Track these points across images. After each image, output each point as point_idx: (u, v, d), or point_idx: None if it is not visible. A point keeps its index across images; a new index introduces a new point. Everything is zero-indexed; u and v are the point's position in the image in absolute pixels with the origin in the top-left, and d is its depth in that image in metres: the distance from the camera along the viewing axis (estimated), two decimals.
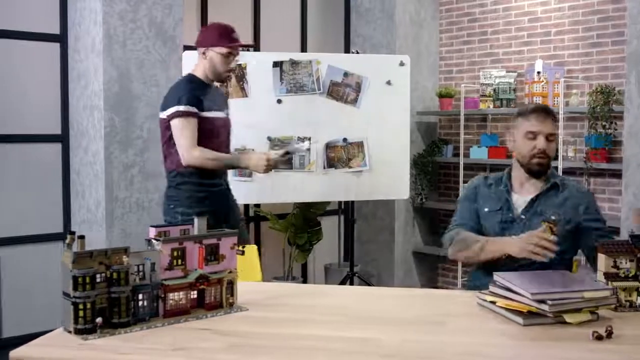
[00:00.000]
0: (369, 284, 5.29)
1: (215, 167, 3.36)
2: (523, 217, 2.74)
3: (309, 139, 4.57)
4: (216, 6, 5.19)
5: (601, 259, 2.26)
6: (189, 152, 3.26)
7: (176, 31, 4.49)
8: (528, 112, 2.77)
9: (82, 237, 1.91)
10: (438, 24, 6.09)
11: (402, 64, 4.83)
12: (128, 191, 4.31)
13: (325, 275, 5.77)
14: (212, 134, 3.38)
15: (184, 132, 3.25)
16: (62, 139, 4.56)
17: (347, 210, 5.78)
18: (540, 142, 2.70)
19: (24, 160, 4.42)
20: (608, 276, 2.22)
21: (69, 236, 1.91)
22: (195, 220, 2.16)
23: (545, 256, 2.40)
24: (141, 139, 4.36)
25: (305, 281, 5.79)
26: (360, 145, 4.74)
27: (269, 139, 4.52)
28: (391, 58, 5.02)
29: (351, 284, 5.14)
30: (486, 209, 2.84)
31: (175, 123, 3.27)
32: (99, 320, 1.86)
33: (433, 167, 5.91)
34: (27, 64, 4.41)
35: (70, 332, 1.87)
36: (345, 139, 4.71)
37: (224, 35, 3.38)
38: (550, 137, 2.72)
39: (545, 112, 2.75)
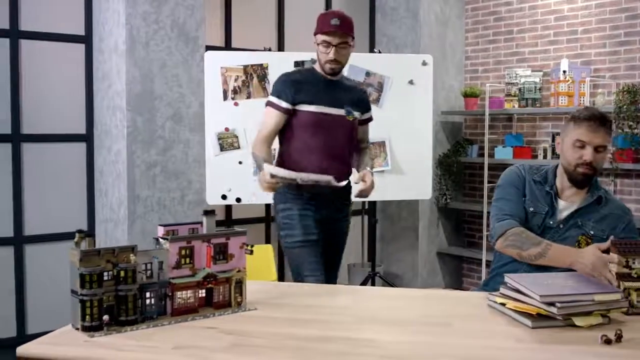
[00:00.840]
0: (390, 284, 5.27)
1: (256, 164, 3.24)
2: (562, 226, 2.62)
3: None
4: (240, 6, 5.21)
5: (618, 259, 2.21)
6: (254, 141, 3.25)
7: (198, 32, 4.52)
8: (581, 119, 2.56)
9: (90, 236, 1.93)
10: (464, 23, 6.04)
11: (424, 63, 4.79)
12: (150, 190, 4.36)
13: (348, 275, 5.76)
14: (308, 129, 3.19)
15: (263, 122, 3.23)
16: (87, 138, 4.63)
17: (370, 210, 5.76)
18: (588, 153, 2.53)
19: (49, 160, 4.50)
20: (620, 276, 2.18)
21: (77, 235, 1.94)
22: (204, 219, 2.17)
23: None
24: (163, 139, 4.40)
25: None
26: (382, 145, 4.72)
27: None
28: (414, 57, 4.98)
29: (373, 284, 5.13)
30: (531, 209, 2.66)
31: (264, 111, 3.25)
32: (105, 317, 1.89)
33: (458, 167, 5.87)
34: (53, 64, 4.49)
35: (77, 329, 1.90)
36: None
37: (320, 22, 3.16)
38: (600, 149, 2.54)
39: (600, 121, 2.54)
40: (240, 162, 4.43)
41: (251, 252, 2.28)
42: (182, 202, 4.47)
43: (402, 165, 4.75)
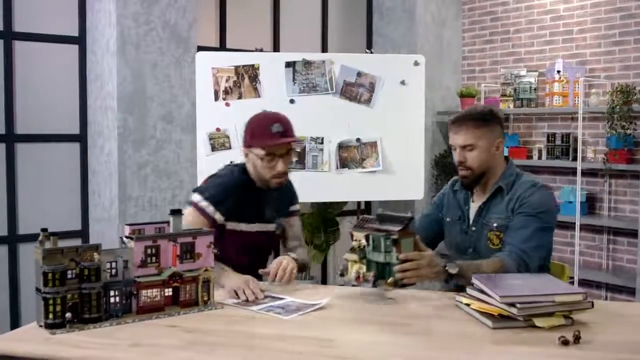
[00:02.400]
0: None
1: None
2: (474, 228, 2.63)
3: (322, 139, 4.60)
4: (235, 6, 5.23)
5: (354, 233, 2.33)
6: None
7: (190, 32, 4.55)
8: (449, 122, 2.62)
9: (54, 235, 1.96)
10: (460, 23, 6.03)
11: (416, 63, 4.78)
12: (141, 190, 4.39)
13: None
14: (231, 247, 2.67)
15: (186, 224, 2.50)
16: (81, 138, 4.67)
17: (366, 210, 5.77)
18: (456, 154, 2.59)
19: (43, 160, 4.54)
20: (350, 249, 2.31)
21: (41, 233, 1.97)
22: (171, 218, 2.19)
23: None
24: (155, 139, 4.43)
25: (324, 281, 5.80)
26: (373, 145, 4.72)
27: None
28: (406, 58, 4.97)
29: None
30: (448, 219, 2.73)
31: (187, 210, 2.64)
32: (68, 315, 1.91)
33: (454, 167, 5.84)
34: (47, 65, 4.53)
35: (41, 326, 1.92)
36: (358, 139, 4.69)
37: (257, 132, 2.60)
38: (468, 147, 2.54)
39: (459, 121, 2.58)
40: (231, 162, 4.44)
41: (217, 252, 2.30)
42: (173, 202, 4.49)
43: (394, 166, 4.74)
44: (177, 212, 2.22)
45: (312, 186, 4.63)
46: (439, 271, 2.27)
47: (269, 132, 2.55)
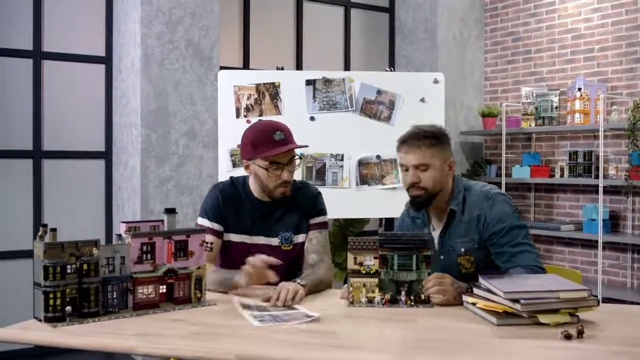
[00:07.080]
0: None
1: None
2: (442, 257, 2.55)
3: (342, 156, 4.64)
4: (258, 28, 5.34)
5: (350, 257, 2.27)
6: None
7: (213, 52, 4.65)
8: (399, 143, 2.55)
9: (54, 230, 1.99)
10: (483, 44, 6.06)
11: (436, 81, 4.82)
12: (163, 204, 4.45)
13: None
14: (232, 257, 2.64)
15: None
16: (106, 155, 4.78)
17: (388, 228, 5.77)
18: (410, 175, 2.49)
19: (69, 176, 4.66)
20: (351, 273, 2.25)
21: (41, 228, 2.00)
22: (165, 216, 2.24)
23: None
24: (177, 155, 4.51)
25: None
26: (393, 162, 4.74)
27: (301, 155, 4.59)
28: (425, 75, 5.01)
29: None
30: None
31: None
32: (68, 308, 1.93)
33: None
34: (74, 84, 4.67)
35: (40, 320, 1.94)
36: (378, 156, 4.73)
37: (260, 141, 2.49)
38: (422, 167, 2.46)
39: (412, 140, 2.51)
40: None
41: (210, 249, 2.35)
42: (195, 217, 4.54)
43: None
44: (171, 211, 2.27)
45: (332, 203, 4.64)
46: (462, 292, 2.23)
47: (272, 141, 2.46)
